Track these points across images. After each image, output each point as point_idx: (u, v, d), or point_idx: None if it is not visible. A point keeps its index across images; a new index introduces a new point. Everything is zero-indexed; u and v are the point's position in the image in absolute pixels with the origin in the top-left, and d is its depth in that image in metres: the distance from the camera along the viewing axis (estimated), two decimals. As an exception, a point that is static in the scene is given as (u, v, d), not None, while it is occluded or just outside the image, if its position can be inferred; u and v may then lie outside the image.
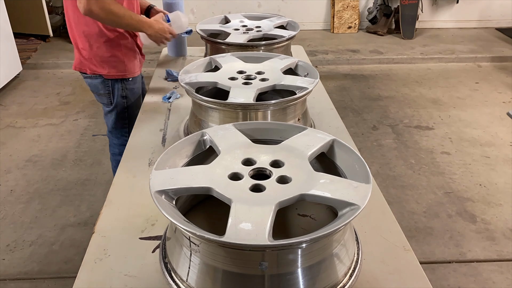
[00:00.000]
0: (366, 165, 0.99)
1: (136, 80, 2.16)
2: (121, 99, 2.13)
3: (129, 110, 2.18)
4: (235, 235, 0.81)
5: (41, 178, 3.07)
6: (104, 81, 2.07)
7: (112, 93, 2.12)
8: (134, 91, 2.17)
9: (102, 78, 2.07)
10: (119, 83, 2.09)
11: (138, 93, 2.21)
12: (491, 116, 3.96)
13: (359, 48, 5.41)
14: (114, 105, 2.15)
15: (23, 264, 2.35)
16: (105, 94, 2.12)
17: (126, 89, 2.12)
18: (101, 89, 2.10)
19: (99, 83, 2.08)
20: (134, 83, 2.15)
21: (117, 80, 2.08)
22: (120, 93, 2.12)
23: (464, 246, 2.50)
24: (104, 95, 2.13)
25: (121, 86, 2.10)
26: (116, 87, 2.10)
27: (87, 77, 2.10)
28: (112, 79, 2.07)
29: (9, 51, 4.47)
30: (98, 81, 2.08)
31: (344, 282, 0.94)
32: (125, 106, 2.16)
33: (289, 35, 2.00)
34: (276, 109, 1.40)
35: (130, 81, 2.12)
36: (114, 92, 2.11)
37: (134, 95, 2.17)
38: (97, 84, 2.10)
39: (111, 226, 1.19)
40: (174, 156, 1.08)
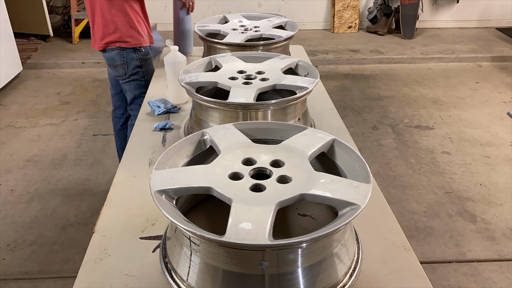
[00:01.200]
0: (366, 165, 0.99)
1: (148, 51, 2.35)
2: (137, 69, 2.31)
3: (145, 79, 2.35)
4: (235, 235, 0.81)
5: (42, 178, 3.07)
6: (120, 52, 2.26)
7: (127, 64, 2.29)
8: (148, 61, 2.35)
9: (118, 49, 2.26)
10: (133, 53, 2.28)
11: (151, 63, 2.39)
12: (491, 116, 3.96)
13: (360, 48, 5.41)
14: (130, 75, 2.32)
15: (23, 264, 2.36)
16: (120, 65, 2.30)
17: (140, 59, 2.30)
18: (117, 60, 2.28)
19: (115, 54, 2.27)
20: (146, 53, 2.34)
21: (131, 51, 2.27)
22: (135, 64, 2.30)
23: (464, 246, 2.50)
24: (120, 66, 2.30)
25: (136, 56, 2.29)
26: (132, 57, 2.28)
27: (103, 51, 2.30)
28: (127, 50, 2.26)
29: (10, 51, 4.47)
30: (114, 53, 2.27)
31: (344, 282, 0.94)
32: (142, 75, 2.34)
33: (287, 35, 1.99)
34: (276, 109, 1.40)
35: (143, 51, 2.31)
36: (130, 62, 2.29)
37: (148, 65, 2.36)
38: (113, 56, 2.28)
39: (112, 226, 1.19)
40: (174, 156, 1.08)
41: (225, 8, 5.75)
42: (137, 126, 1.74)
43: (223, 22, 2.28)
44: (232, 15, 2.31)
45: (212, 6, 5.74)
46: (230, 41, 1.92)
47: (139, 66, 2.32)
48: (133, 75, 2.34)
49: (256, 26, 2.15)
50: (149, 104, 1.85)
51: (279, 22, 2.20)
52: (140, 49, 2.30)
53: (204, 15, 2.52)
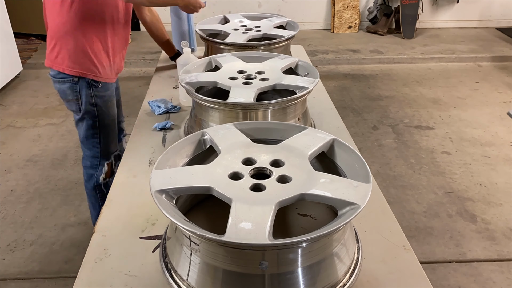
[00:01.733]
0: (366, 165, 0.99)
1: (107, 88, 2.02)
2: (91, 106, 1.99)
3: (100, 120, 2.04)
4: (235, 235, 0.81)
5: (42, 178, 3.07)
6: (72, 85, 1.94)
7: (80, 99, 1.97)
8: (105, 99, 2.02)
9: (70, 83, 1.94)
10: (87, 89, 1.95)
11: (111, 102, 2.07)
12: (491, 116, 3.96)
13: (360, 48, 5.41)
14: (83, 112, 2.00)
15: (23, 264, 2.36)
16: (73, 100, 1.99)
17: (95, 96, 1.98)
18: (69, 94, 1.97)
19: (67, 88, 1.95)
20: (104, 90, 2.01)
21: (85, 85, 1.95)
22: (89, 100, 1.97)
23: (464, 246, 2.50)
24: (73, 101, 1.99)
25: (90, 92, 1.96)
26: (84, 93, 1.96)
27: (55, 81, 1.97)
28: (80, 83, 1.93)
29: (10, 51, 4.47)
30: (66, 86, 1.95)
31: (344, 282, 0.94)
32: (96, 114, 2.02)
33: (289, 35, 2.00)
34: (276, 108, 1.41)
35: (100, 88, 1.98)
36: (82, 98, 1.97)
37: (105, 104, 2.03)
38: (65, 89, 1.96)
39: (112, 226, 1.19)
40: (174, 155, 1.08)
41: (225, 8, 5.75)
42: (137, 126, 1.74)
43: (224, 22, 2.28)
44: (233, 15, 2.31)
45: (212, 6, 5.74)
46: (232, 41, 1.92)
47: (93, 105, 2.00)
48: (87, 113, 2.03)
49: (257, 26, 2.15)
50: (149, 104, 1.86)
51: (280, 22, 2.20)
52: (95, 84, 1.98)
53: (204, 15, 2.52)
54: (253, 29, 2.11)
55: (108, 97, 2.04)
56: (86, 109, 2.00)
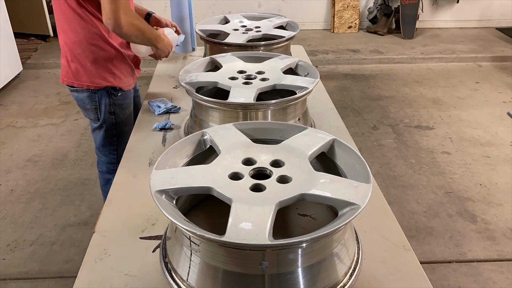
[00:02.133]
0: (366, 165, 0.99)
1: (126, 95, 1.99)
2: (109, 115, 1.96)
3: (117, 127, 2.01)
4: (235, 235, 0.81)
5: (42, 178, 3.07)
6: (91, 95, 1.90)
7: (99, 108, 1.94)
8: (124, 107, 2.00)
9: (89, 92, 1.90)
10: (106, 98, 1.92)
11: (129, 109, 2.05)
12: (491, 116, 3.96)
13: (360, 48, 5.41)
14: (102, 121, 1.97)
15: (23, 264, 2.36)
16: (92, 109, 1.95)
17: (114, 104, 1.94)
18: (88, 103, 1.93)
19: (85, 97, 1.91)
20: (123, 98, 1.98)
21: (104, 94, 1.91)
22: (107, 109, 1.94)
23: (465, 246, 2.50)
24: (91, 110, 1.95)
25: (109, 101, 1.93)
26: (104, 102, 1.92)
27: (73, 90, 1.93)
28: (99, 92, 1.90)
29: (10, 51, 4.47)
30: (84, 95, 1.91)
31: (344, 282, 0.94)
32: (114, 122, 1.99)
33: (289, 35, 1.99)
34: (276, 109, 1.41)
35: (119, 96, 1.95)
36: (101, 107, 1.93)
37: (123, 111, 2.00)
38: (83, 98, 1.92)
39: (112, 226, 1.19)
40: (174, 156, 1.08)
41: (225, 8, 5.75)
42: (137, 126, 1.74)
43: (224, 22, 2.28)
44: (233, 15, 2.31)
45: (212, 6, 5.74)
46: (232, 41, 1.92)
47: (112, 113, 1.97)
48: (105, 121, 2.00)
49: (257, 26, 2.15)
50: (149, 104, 1.85)
51: (280, 22, 2.19)
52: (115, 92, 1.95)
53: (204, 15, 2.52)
54: (253, 30, 2.11)
55: (126, 105, 2.01)
56: (104, 118, 1.96)
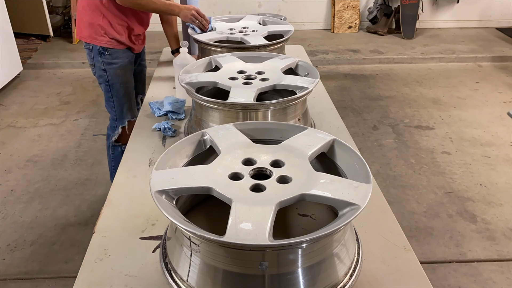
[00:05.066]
0: (366, 165, 0.99)
1: (117, 56, 2.23)
2: (102, 71, 2.25)
3: (110, 83, 2.27)
4: (235, 235, 0.81)
5: (42, 178, 3.07)
6: (89, 53, 2.23)
7: (94, 64, 2.25)
8: (115, 66, 2.24)
9: (88, 50, 2.22)
10: (98, 56, 2.21)
11: (121, 69, 2.27)
12: (491, 116, 3.95)
13: (360, 48, 5.41)
14: (97, 76, 2.28)
15: (23, 264, 2.35)
16: (91, 66, 2.27)
17: (104, 62, 2.22)
18: (89, 60, 2.26)
19: (87, 55, 2.26)
20: (113, 58, 2.23)
21: (96, 53, 2.20)
22: (99, 65, 2.24)
23: (465, 246, 2.50)
24: (91, 67, 2.28)
25: (100, 59, 2.22)
26: (96, 59, 2.23)
27: (85, 49, 2.27)
28: (94, 50, 2.20)
29: (10, 51, 4.47)
30: (86, 54, 2.26)
31: (345, 282, 0.94)
32: (107, 79, 2.26)
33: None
34: (276, 109, 1.40)
35: (107, 56, 2.21)
36: (95, 64, 2.24)
37: (113, 70, 2.25)
38: (86, 56, 2.27)
39: (112, 226, 1.19)
40: (174, 156, 1.08)
41: (225, 8, 5.75)
42: (137, 126, 1.74)
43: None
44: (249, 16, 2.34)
45: (212, 6, 5.74)
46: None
47: (103, 70, 2.26)
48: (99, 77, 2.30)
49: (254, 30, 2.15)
50: (150, 105, 1.85)
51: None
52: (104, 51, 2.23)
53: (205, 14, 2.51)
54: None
55: (118, 65, 2.25)
56: (98, 74, 2.27)
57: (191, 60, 1.83)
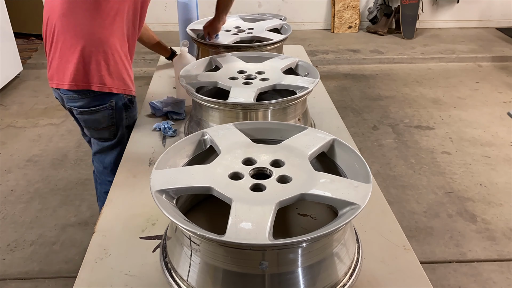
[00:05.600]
0: (366, 165, 0.99)
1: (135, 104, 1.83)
2: (126, 130, 1.77)
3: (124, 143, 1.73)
4: (235, 235, 0.81)
5: (42, 178, 3.07)
6: (108, 112, 1.70)
7: (116, 124, 1.74)
8: (134, 118, 1.82)
9: (105, 109, 1.70)
10: (123, 111, 1.74)
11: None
12: (491, 116, 3.95)
13: (360, 48, 5.41)
14: (119, 138, 1.77)
15: (23, 264, 2.36)
16: (107, 128, 1.74)
17: (129, 117, 1.78)
18: (103, 122, 1.72)
19: (101, 116, 1.70)
20: (135, 107, 1.83)
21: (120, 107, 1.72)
22: (124, 123, 1.76)
23: (465, 246, 2.50)
24: (106, 129, 1.75)
25: (125, 114, 1.75)
26: (120, 116, 1.74)
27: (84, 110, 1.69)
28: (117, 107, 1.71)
29: (10, 51, 4.47)
30: (100, 114, 1.69)
31: (344, 282, 0.94)
32: (124, 137, 1.78)
33: (278, 38, 1.95)
34: (276, 108, 1.41)
35: (133, 108, 1.79)
36: (117, 122, 1.73)
37: (133, 123, 1.80)
38: (99, 118, 1.70)
39: (112, 226, 1.19)
40: (174, 155, 1.08)
41: (225, 8, 5.74)
42: (137, 126, 1.73)
43: None
44: (231, 16, 2.31)
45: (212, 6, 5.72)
46: (219, 43, 1.92)
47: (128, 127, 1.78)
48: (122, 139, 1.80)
49: (250, 28, 2.15)
50: (150, 105, 1.85)
51: (274, 24, 2.18)
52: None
53: (205, 14, 2.51)
54: (245, 31, 2.11)
55: (134, 116, 1.83)
56: (121, 135, 1.76)
57: (191, 59, 1.83)
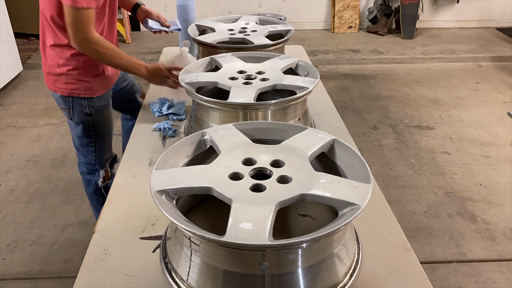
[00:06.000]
0: (366, 165, 0.99)
1: (102, 98, 1.91)
2: (85, 116, 1.89)
3: (94, 129, 1.94)
4: (235, 235, 0.81)
5: (42, 178, 3.07)
6: (63, 96, 1.85)
7: (72, 109, 1.86)
8: (100, 109, 1.92)
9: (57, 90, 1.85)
10: (81, 100, 1.85)
11: (107, 111, 1.98)
12: (491, 116, 3.95)
13: (360, 48, 5.41)
14: (75, 121, 1.90)
15: (23, 263, 2.36)
16: (65, 109, 1.88)
17: (90, 106, 1.87)
18: (61, 103, 1.87)
19: (59, 96, 1.86)
20: (100, 100, 1.90)
21: (77, 98, 1.85)
22: (82, 109, 1.87)
23: (465, 246, 2.50)
24: (65, 110, 1.89)
25: (84, 102, 1.86)
26: (77, 103, 1.85)
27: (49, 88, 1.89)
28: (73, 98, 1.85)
29: (10, 51, 4.47)
30: (57, 95, 1.86)
31: (345, 282, 0.94)
32: (90, 124, 1.92)
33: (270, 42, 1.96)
34: (276, 109, 1.40)
35: (94, 99, 1.88)
36: (74, 107, 1.86)
37: (100, 113, 1.92)
38: (57, 97, 1.87)
39: (112, 226, 1.19)
40: (174, 156, 1.08)
41: (225, 8, 5.75)
42: (137, 126, 1.74)
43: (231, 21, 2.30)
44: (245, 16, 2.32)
45: (212, 6, 5.74)
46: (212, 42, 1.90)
47: (88, 114, 1.90)
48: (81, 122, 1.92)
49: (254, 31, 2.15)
50: (150, 105, 1.85)
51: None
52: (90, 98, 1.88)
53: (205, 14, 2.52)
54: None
55: (103, 106, 1.94)
56: (79, 119, 1.89)
57: (191, 59, 1.83)
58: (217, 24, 2.18)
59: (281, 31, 2.14)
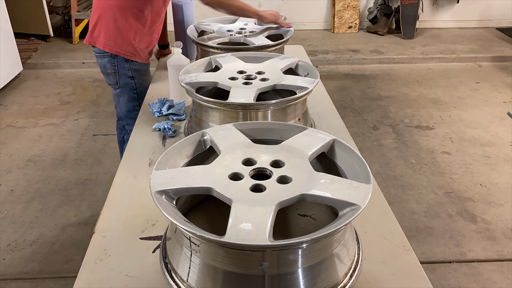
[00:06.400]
0: (366, 165, 0.99)
1: (144, 64, 2.21)
2: (129, 79, 2.17)
3: (138, 91, 2.21)
4: (235, 235, 0.81)
5: (42, 178, 3.07)
6: (111, 60, 2.12)
7: (117, 72, 2.15)
8: (141, 72, 2.20)
9: (109, 57, 2.12)
10: (124, 63, 2.13)
11: (147, 75, 2.25)
12: (491, 116, 3.95)
13: (360, 48, 5.41)
14: (121, 85, 2.18)
15: (23, 264, 2.36)
16: (111, 74, 2.16)
17: (132, 69, 2.15)
18: (108, 67, 2.15)
19: (106, 62, 2.13)
20: (141, 64, 2.19)
21: (122, 59, 2.12)
22: (125, 72, 2.15)
23: (465, 246, 2.50)
24: (111, 75, 2.16)
25: (127, 65, 2.14)
26: (122, 66, 2.13)
27: (96, 56, 2.16)
28: (118, 58, 2.11)
29: (10, 51, 4.47)
30: (105, 60, 2.13)
31: (345, 282, 0.94)
32: (134, 87, 2.19)
33: (269, 43, 1.95)
34: (276, 109, 1.40)
35: (136, 62, 2.15)
36: (120, 70, 2.14)
37: (141, 77, 2.21)
38: (105, 63, 2.14)
39: (112, 226, 1.19)
40: (174, 156, 1.08)
41: (225, 8, 5.74)
42: (137, 126, 1.73)
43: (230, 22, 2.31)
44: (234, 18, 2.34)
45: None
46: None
47: (131, 77, 2.19)
48: (125, 85, 2.21)
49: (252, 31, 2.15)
50: (150, 106, 1.85)
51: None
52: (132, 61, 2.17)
53: (204, 14, 2.51)
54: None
55: (143, 71, 2.21)
56: (123, 82, 2.17)
57: (185, 61, 1.83)
58: (216, 24, 2.19)
59: (281, 31, 2.14)
